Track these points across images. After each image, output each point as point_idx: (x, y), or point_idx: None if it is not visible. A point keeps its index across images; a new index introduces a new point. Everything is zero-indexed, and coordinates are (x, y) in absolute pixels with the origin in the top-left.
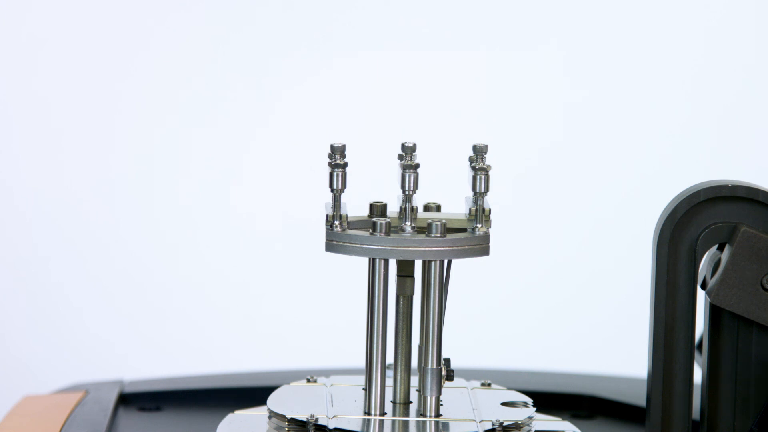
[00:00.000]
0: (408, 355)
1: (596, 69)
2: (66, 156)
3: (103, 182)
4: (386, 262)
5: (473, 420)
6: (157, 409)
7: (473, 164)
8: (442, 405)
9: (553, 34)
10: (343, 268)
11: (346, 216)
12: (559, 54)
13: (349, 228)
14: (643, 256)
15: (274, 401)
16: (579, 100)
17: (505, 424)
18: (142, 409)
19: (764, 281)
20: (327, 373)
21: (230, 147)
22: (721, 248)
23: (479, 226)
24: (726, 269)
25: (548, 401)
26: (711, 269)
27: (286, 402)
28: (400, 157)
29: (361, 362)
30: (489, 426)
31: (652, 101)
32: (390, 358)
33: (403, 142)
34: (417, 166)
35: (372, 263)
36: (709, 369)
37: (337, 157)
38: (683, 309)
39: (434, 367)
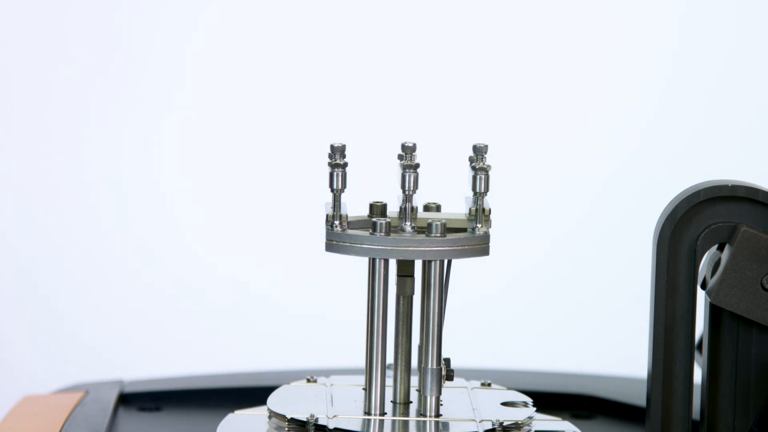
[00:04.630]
0: (408, 355)
1: (596, 69)
2: (66, 156)
3: (106, 182)
4: (386, 262)
5: (473, 420)
6: (157, 409)
7: (473, 164)
8: (442, 405)
9: (553, 33)
10: (343, 268)
11: (346, 216)
12: (559, 54)
13: (349, 228)
14: (643, 256)
15: (274, 401)
16: (579, 100)
17: (505, 424)
18: (142, 409)
19: (764, 281)
20: (327, 373)
21: (230, 147)
22: (721, 248)
23: (479, 226)
24: (726, 269)
25: (548, 401)
26: (711, 269)
27: (286, 402)
28: (400, 157)
29: (361, 362)
30: (489, 426)
31: (653, 101)
32: (390, 358)
33: (403, 142)
34: (417, 166)
35: (372, 263)
36: (709, 369)
37: (337, 157)
38: (683, 309)
39: (434, 367)
